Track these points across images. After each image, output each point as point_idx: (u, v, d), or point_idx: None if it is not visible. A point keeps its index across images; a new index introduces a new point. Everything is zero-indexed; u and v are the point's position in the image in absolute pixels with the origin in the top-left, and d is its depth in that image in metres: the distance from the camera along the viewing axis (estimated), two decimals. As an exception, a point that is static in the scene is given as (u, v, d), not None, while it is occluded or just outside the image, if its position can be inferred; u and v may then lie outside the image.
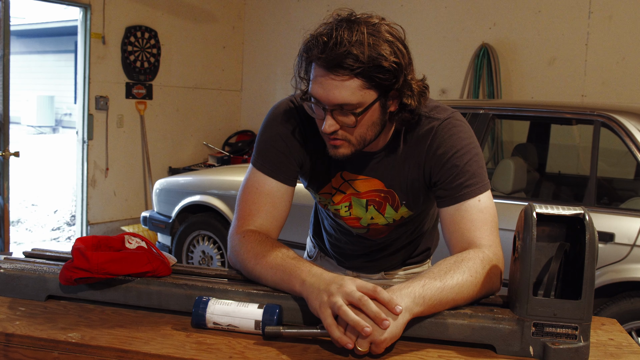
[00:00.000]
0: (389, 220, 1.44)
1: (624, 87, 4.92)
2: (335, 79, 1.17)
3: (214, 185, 4.32)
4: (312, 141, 1.37)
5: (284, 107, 1.39)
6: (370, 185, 1.40)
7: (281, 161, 1.35)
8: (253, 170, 1.38)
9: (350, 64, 1.15)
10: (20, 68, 14.67)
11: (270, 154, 1.36)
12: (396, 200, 1.40)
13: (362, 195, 1.41)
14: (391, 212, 1.42)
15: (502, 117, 3.69)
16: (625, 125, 2.99)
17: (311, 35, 1.22)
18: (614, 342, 1.15)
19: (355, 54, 1.15)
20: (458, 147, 1.30)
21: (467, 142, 1.31)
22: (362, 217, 1.44)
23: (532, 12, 5.30)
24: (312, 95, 1.22)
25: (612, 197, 3.62)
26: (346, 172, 1.40)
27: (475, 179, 1.29)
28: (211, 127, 6.77)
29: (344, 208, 1.44)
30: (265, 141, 1.37)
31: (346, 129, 1.23)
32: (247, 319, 1.09)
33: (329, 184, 1.43)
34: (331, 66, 1.16)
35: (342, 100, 1.19)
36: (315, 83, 1.21)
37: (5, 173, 3.69)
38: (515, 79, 5.45)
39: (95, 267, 1.15)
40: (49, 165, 9.65)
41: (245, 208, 1.34)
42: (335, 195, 1.43)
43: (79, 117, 5.59)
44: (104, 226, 5.75)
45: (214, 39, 6.69)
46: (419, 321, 1.09)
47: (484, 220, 1.26)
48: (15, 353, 1.06)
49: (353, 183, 1.41)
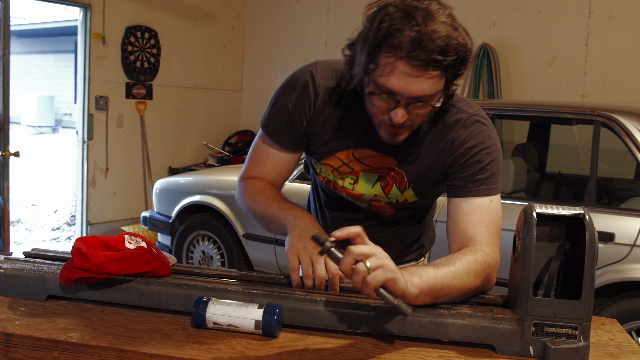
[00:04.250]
0: (392, 200, 1.43)
1: (624, 87, 4.92)
2: (423, 74, 1.14)
3: (214, 185, 4.32)
4: (325, 113, 1.38)
5: (303, 76, 1.39)
6: (383, 162, 1.39)
7: (288, 132, 1.40)
8: (262, 133, 1.46)
9: (440, 59, 1.13)
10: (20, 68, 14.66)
11: (278, 123, 1.41)
12: (404, 182, 1.40)
13: (375, 171, 1.40)
14: (396, 192, 1.41)
15: (502, 117, 3.69)
16: (625, 125, 2.99)
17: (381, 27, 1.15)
18: (614, 342, 1.15)
19: (444, 49, 1.12)
20: (486, 144, 1.32)
21: (494, 141, 1.34)
22: (366, 192, 1.43)
23: (532, 12, 5.30)
24: (383, 88, 1.18)
25: (612, 197, 3.62)
26: (359, 149, 1.38)
27: (493, 179, 1.31)
28: (211, 127, 6.77)
29: (349, 181, 1.43)
30: (277, 109, 1.41)
31: (414, 118, 1.22)
32: (247, 319, 1.09)
33: (334, 156, 1.41)
34: (423, 64, 1.13)
35: (423, 93, 1.17)
36: (394, 77, 1.15)
37: (5, 173, 3.69)
38: (515, 79, 5.45)
39: (95, 267, 1.15)
40: (49, 165, 9.65)
41: (252, 161, 1.48)
42: (341, 167, 1.42)
43: (79, 117, 5.59)
44: (104, 226, 5.75)
45: (214, 39, 6.69)
46: (419, 321, 1.09)
47: (490, 221, 1.29)
48: (15, 353, 1.06)
49: (366, 160, 1.39)
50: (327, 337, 1.11)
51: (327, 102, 1.37)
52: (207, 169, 5.53)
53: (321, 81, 1.37)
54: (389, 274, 1.01)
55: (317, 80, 1.37)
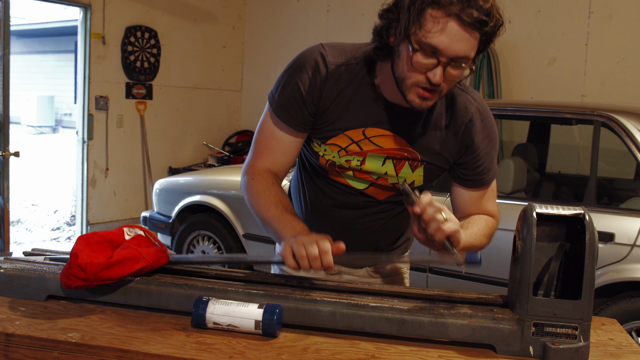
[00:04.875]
0: (400, 180, 1.43)
1: (624, 87, 4.92)
2: (471, 35, 1.18)
3: (214, 185, 4.32)
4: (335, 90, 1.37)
5: (312, 54, 1.38)
6: (394, 143, 1.39)
7: (295, 109, 1.38)
8: (270, 112, 1.42)
9: (486, 20, 1.17)
10: (20, 68, 14.67)
11: (286, 102, 1.38)
12: (417, 160, 1.41)
13: (384, 151, 1.40)
14: (407, 171, 1.42)
15: (502, 117, 3.69)
16: (625, 125, 2.99)
17: None
18: (614, 342, 1.15)
19: (490, 12, 1.17)
20: (494, 136, 1.44)
21: (496, 130, 1.46)
22: (375, 170, 1.42)
23: (532, 12, 5.30)
24: (428, 45, 1.19)
25: (612, 197, 3.62)
26: (371, 127, 1.38)
27: (495, 165, 1.46)
28: (211, 127, 6.77)
29: (356, 161, 1.41)
30: (288, 89, 1.38)
31: (447, 82, 1.25)
32: (247, 319, 1.09)
33: (343, 135, 1.39)
34: (471, 23, 1.16)
35: (464, 53, 1.19)
36: (442, 34, 1.17)
37: (5, 173, 3.69)
38: (515, 79, 5.45)
39: (92, 277, 1.14)
40: (49, 165, 9.65)
41: (259, 148, 1.44)
42: (350, 146, 1.40)
43: (79, 117, 5.59)
44: (104, 226, 5.75)
45: (214, 39, 6.69)
46: (419, 321, 1.09)
47: (492, 196, 1.49)
48: (15, 353, 1.06)
49: (376, 139, 1.39)
50: (327, 337, 1.11)
51: (338, 79, 1.37)
52: (207, 169, 5.53)
53: (332, 59, 1.37)
54: (456, 226, 1.17)
55: (328, 58, 1.37)
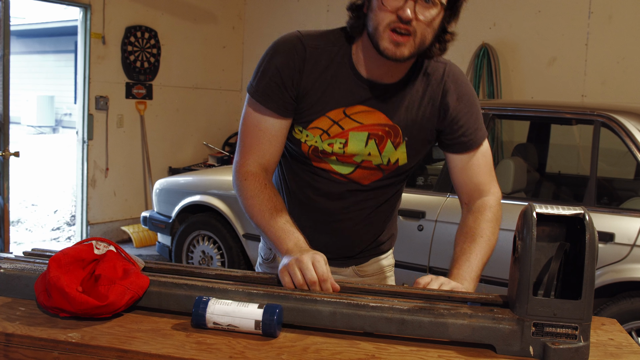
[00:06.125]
0: (384, 160, 1.43)
1: (624, 87, 4.92)
2: None
3: (214, 185, 4.32)
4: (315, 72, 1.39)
5: (289, 38, 1.41)
6: (375, 119, 1.40)
7: (276, 93, 1.38)
8: (251, 101, 1.42)
9: None
10: (20, 68, 14.66)
11: (266, 87, 1.39)
12: (399, 136, 1.41)
13: (365, 128, 1.40)
14: (390, 149, 1.42)
15: (502, 117, 3.69)
16: (625, 125, 2.99)
17: None
18: (614, 342, 1.15)
19: None
20: (469, 95, 1.44)
21: (471, 89, 1.46)
22: (359, 152, 1.42)
23: (532, 12, 5.30)
24: None
25: (612, 197, 3.62)
26: (351, 106, 1.39)
27: (481, 124, 1.45)
28: (211, 127, 6.77)
29: (339, 144, 1.41)
30: (267, 74, 1.39)
31: (417, 24, 1.27)
32: (247, 319, 1.09)
33: (324, 117, 1.40)
34: None
35: None
36: None
37: (5, 173, 3.69)
38: (515, 79, 5.45)
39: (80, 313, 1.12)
40: (49, 165, 9.65)
41: (245, 144, 1.43)
42: (332, 128, 1.40)
43: (79, 117, 5.59)
44: (104, 226, 5.75)
45: (214, 39, 6.69)
46: (419, 321, 1.09)
47: (487, 164, 1.47)
48: (15, 353, 1.06)
49: (356, 116, 1.40)
50: (327, 337, 1.11)
51: (317, 61, 1.39)
52: (207, 169, 5.53)
53: (309, 42, 1.39)
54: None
55: (305, 41, 1.39)
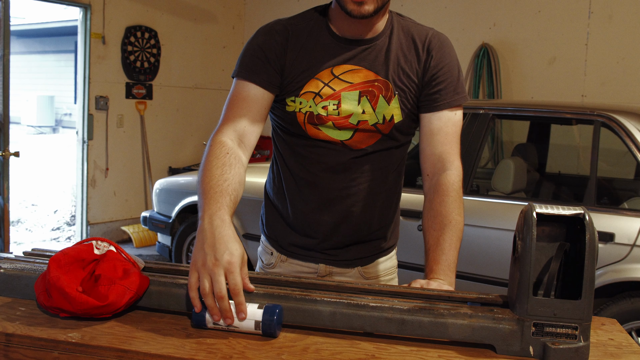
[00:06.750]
0: (379, 117, 1.43)
1: (624, 87, 4.92)
2: None
3: (214, 185, 4.31)
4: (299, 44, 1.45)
5: (267, 23, 1.50)
6: (363, 76, 1.43)
7: (259, 67, 1.43)
8: (234, 81, 1.47)
9: None
10: (20, 68, 14.68)
11: (249, 62, 1.44)
12: (390, 90, 1.43)
13: (355, 87, 1.42)
14: (383, 105, 1.43)
15: (502, 117, 3.69)
16: (625, 125, 2.99)
17: None
18: (614, 342, 1.15)
19: None
20: (453, 57, 1.48)
21: (455, 54, 1.50)
22: (354, 112, 1.43)
23: (532, 12, 5.30)
24: None
25: (612, 197, 3.62)
26: (337, 66, 1.43)
27: (463, 90, 1.48)
28: (211, 127, 6.75)
29: (332, 106, 1.42)
30: (244, 53, 1.46)
31: None
32: (247, 319, 1.09)
33: (314, 79, 1.42)
34: None
35: None
36: None
37: (5, 173, 3.69)
38: (515, 79, 5.45)
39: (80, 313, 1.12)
40: (49, 165, 9.65)
41: (225, 115, 1.45)
42: (323, 89, 1.42)
43: (79, 117, 5.59)
44: (104, 226, 5.75)
45: (214, 39, 6.69)
46: (419, 321, 1.09)
47: (454, 135, 1.46)
48: (15, 353, 1.06)
49: (345, 76, 1.43)
50: (327, 337, 1.11)
51: (299, 35, 1.46)
52: (207, 169, 5.52)
53: (287, 21, 1.49)
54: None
55: (283, 21, 1.49)
